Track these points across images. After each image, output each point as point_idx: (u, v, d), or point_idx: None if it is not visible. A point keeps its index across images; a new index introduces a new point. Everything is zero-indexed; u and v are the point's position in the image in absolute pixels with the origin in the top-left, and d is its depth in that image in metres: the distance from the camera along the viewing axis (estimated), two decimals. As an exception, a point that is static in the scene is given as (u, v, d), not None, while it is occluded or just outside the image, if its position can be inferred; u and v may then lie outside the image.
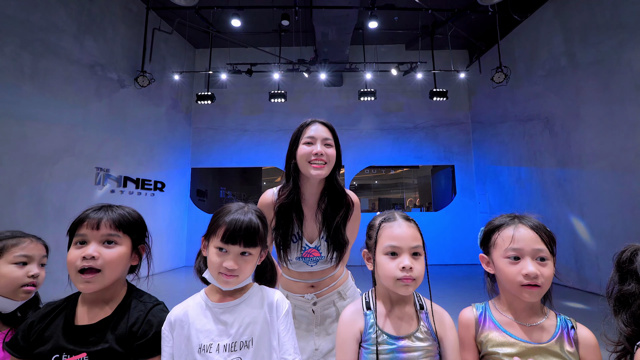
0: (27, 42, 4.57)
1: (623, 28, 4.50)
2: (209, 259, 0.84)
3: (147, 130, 6.80)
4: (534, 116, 6.13)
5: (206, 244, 0.87)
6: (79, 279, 0.78)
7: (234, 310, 0.83)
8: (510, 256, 0.84)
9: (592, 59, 4.96)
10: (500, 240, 0.87)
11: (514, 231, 0.85)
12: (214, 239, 0.83)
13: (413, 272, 0.82)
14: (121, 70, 6.19)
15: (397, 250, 0.84)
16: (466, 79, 7.59)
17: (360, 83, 7.55)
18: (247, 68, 6.74)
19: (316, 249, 1.16)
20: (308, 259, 1.17)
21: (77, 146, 5.24)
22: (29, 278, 0.94)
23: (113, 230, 0.83)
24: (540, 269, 0.80)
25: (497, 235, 0.89)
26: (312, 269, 1.18)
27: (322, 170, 1.15)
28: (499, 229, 0.90)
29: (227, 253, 0.82)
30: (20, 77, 4.47)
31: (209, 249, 0.85)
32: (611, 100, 4.65)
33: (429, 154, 8.31)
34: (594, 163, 4.91)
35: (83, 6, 5.46)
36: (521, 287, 0.81)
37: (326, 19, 5.52)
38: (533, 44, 6.24)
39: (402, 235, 0.85)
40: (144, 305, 0.85)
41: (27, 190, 4.50)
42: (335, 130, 1.26)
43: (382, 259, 0.85)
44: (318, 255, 1.17)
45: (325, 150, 1.16)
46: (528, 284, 0.80)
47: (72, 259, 0.79)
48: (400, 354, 0.81)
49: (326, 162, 1.16)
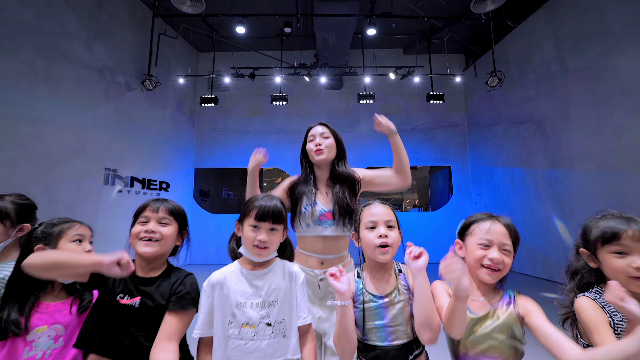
0: (41, 48, 4.77)
1: (609, 36, 4.73)
2: (244, 236, 1.06)
3: (152, 131, 7.00)
4: (527, 119, 6.36)
5: (240, 226, 1.10)
6: (141, 243, 1.02)
7: (263, 278, 1.06)
8: (482, 243, 1.04)
9: (581, 64, 5.19)
10: (478, 230, 1.07)
11: (490, 225, 1.06)
12: (248, 219, 1.06)
13: (388, 238, 1.04)
14: (128, 74, 6.40)
15: (374, 224, 1.07)
16: (462, 83, 7.81)
17: (360, 86, 7.77)
18: (249, 72, 6.95)
19: (330, 212, 1.44)
20: (323, 222, 1.44)
21: (86, 147, 5.44)
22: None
23: (167, 215, 1.09)
24: (503, 258, 1.00)
25: (475, 226, 1.09)
26: (325, 233, 1.42)
27: (322, 155, 1.51)
28: (477, 221, 1.10)
29: (259, 229, 1.05)
30: (34, 81, 4.67)
31: (244, 228, 1.07)
32: (598, 104, 4.88)
33: (426, 155, 8.53)
34: (583, 164, 5.13)
35: (92, 13, 5.68)
36: (482, 268, 1.01)
37: (326, 26, 5.75)
38: (526, 49, 6.47)
39: (378, 212, 1.08)
40: (181, 273, 1.10)
41: (41, 189, 4.70)
42: (330, 126, 1.61)
43: (364, 233, 1.08)
44: (331, 218, 1.43)
45: (322, 141, 1.54)
46: (489, 266, 1.00)
47: (136, 231, 1.05)
48: (383, 309, 1.02)
49: (324, 150, 1.52)
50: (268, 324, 1.00)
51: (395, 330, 1.00)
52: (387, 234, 1.04)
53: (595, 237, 0.97)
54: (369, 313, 1.02)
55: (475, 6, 4.97)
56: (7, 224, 1.31)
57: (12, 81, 4.40)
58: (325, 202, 1.49)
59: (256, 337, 0.98)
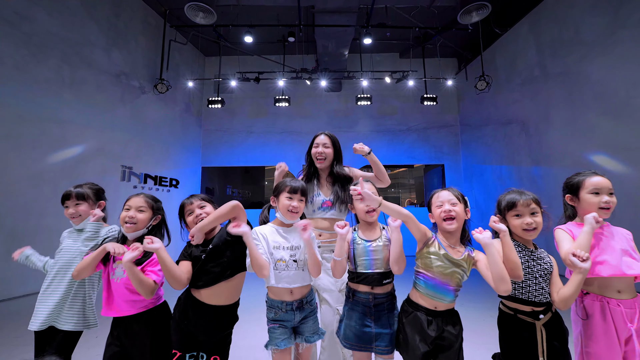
0: (67, 56, 5.24)
1: (583, 44, 5.21)
2: (281, 204, 1.54)
3: (163, 132, 7.47)
4: (513, 120, 6.84)
5: (275, 199, 1.59)
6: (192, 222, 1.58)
7: (290, 233, 1.56)
8: (438, 205, 1.51)
9: (560, 70, 5.68)
10: (436, 199, 1.54)
11: (440, 193, 1.53)
12: (284, 193, 1.55)
13: (452, 212, 1.48)
14: (142, 78, 6.87)
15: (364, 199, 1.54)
16: (455, 85, 8.30)
17: (358, 89, 8.25)
18: (255, 76, 7.41)
19: (330, 201, 1.96)
20: (325, 208, 1.96)
21: (106, 146, 5.91)
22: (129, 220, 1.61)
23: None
24: (453, 209, 1.46)
25: (435, 197, 1.55)
26: (326, 215, 1.94)
27: (322, 163, 2.04)
28: (435, 194, 1.56)
29: (292, 199, 1.54)
30: (61, 86, 5.14)
31: (280, 200, 1.56)
32: (574, 106, 5.36)
33: (421, 154, 9.01)
34: (560, 161, 5.62)
35: (111, 22, 6.14)
36: (442, 220, 1.47)
37: (327, 34, 6.22)
38: (512, 55, 6.96)
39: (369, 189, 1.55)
40: (222, 230, 1.59)
41: (68, 185, 5.09)
42: (333, 137, 2.07)
43: (357, 203, 1.56)
44: (331, 205, 1.95)
45: (324, 150, 2.03)
46: (446, 217, 1.46)
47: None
48: (370, 248, 1.50)
49: (325, 158, 2.03)
50: (294, 260, 1.50)
51: (376, 263, 1.48)
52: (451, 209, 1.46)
53: (503, 206, 1.46)
54: (359, 251, 1.50)
55: (462, 17, 5.45)
56: (90, 202, 1.81)
57: (43, 86, 4.87)
58: (325, 193, 1.99)
59: (287, 269, 1.48)
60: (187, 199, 1.67)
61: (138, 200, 1.60)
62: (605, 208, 1.43)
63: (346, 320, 1.53)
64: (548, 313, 1.35)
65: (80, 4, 5.50)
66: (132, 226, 1.55)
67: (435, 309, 1.40)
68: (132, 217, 1.55)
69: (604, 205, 1.42)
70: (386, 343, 1.47)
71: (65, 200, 1.77)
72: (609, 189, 1.45)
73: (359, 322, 1.48)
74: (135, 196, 1.62)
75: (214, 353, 1.42)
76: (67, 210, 1.75)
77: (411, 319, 1.42)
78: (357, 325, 1.48)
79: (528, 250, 1.43)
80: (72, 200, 1.75)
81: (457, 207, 1.45)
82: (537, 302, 1.35)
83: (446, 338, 1.36)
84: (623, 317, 1.31)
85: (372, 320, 1.48)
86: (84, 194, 1.78)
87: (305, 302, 1.53)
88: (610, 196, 1.44)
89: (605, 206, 1.42)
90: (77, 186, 1.80)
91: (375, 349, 1.47)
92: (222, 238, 1.53)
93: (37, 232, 4.67)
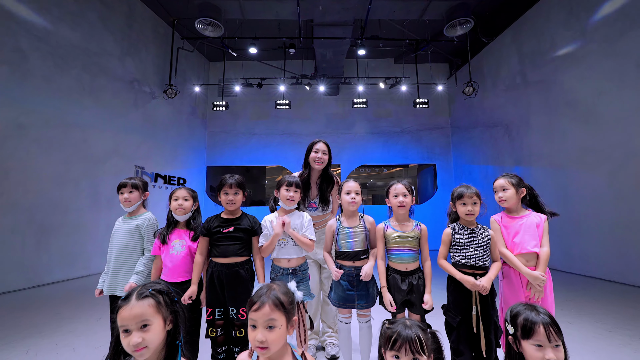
0: (86, 65, 5.73)
1: (557, 56, 5.72)
2: (281, 195, 2.02)
3: (172, 134, 7.97)
4: (497, 123, 7.36)
5: (277, 191, 2.07)
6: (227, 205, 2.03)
7: (292, 218, 2.04)
8: (394, 195, 2.01)
9: (538, 78, 6.19)
10: (393, 190, 2.04)
11: (396, 185, 2.03)
12: (283, 186, 2.02)
13: (356, 198, 2.00)
14: (152, 84, 7.36)
15: (349, 192, 2.03)
16: (446, 90, 8.80)
17: (354, 93, 8.75)
18: (258, 82, 7.91)
19: (314, 203, 2.46)
20: (311, 209, 2.45)
21: (121, 148, 6.41)
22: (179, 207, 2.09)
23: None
24: (404, 199, 1.97)
25: (393, 189, 2.05)
26: (313, 214, 2.44)
27: (320, 166, 2.47)
28: (392, 185, 2.07)
29: (289, 190, 2.02)
30: (82, 93, 5.64)
31: (280, 191, 2.03)
32: (549, 112, 5.88)
33: (414, 154, 9.53)
34: (538, 162, 6.14)
35: (124, 32, 6.63)
36: (397, 207, 1.98)
37: (324, 44, 6.72)
38: (497, 63, 7.47)
39: (351, 186, 2.05)
40: (249, 217, 2.08)
41: (88, 183, 5.67)
42: (328, 145, 2.53)
43: (344, 196, 2.05)
44: (315, 207, 2.46)
45: (322, 157, 2.46)
46: (400, 205, 1.97)
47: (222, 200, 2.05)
48: (351, 234, 2.00)
49: (322, 163, 2.46)
50: (291, 238, 2.00)
51: (356, 243, 1.99)
52: (355, 196, 2.01)
53: (453, 197, 1.97)
54: (343, 235, 2.01)
55: (448, 30, 5.96)
56: (139, 191, 2.30)
57: (66, 94, 5.36)
58: (313, 195, 2.49)
59: (286, 245, 1.99)
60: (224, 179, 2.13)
61: (183, 192, 2.10)
62: (470, 214, 1.89)
63: (334, 286, 2.05)
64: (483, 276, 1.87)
65: (98, 16, 5.99)
66: (182, 211, 2.06)
67: (407, 270, 1.92)
68: (181, 204, 2.05)
69: (468, 212, 1.89)
70: (364, 302, 1.98)
71: (121, 188, 2.23)
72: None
73: (344, 288, 2.00)
74: (179, 189, 2.11)
75: (241, 306, 1.91)
76: (121, 196, 2.23)
77: (390, 279, 1.94)
78: (343, 290, 2.00)
79: (470, 229, 1.93)
80: (128, 188, 2.22)
81: (407, 197, 1.97)
82: (476, 267, 1.85)
83: (414, 291, 1.89)
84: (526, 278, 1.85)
85: (354, 286, 2.00)
86: (137, 184, 2.27)
87: (299, 270, 2.02)
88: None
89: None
90: (130, 178, 2.27)
91: (356, 306, 1.99)
92: (248, 226, 2.03)
93: (62, 226, 5.18)
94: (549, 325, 1.06)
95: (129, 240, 2.16)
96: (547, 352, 1.02)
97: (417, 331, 0.97)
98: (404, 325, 0.99)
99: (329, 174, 2.53)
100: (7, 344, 2.63)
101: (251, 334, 1.02)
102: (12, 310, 3.59)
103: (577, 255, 5.32)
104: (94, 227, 5.66)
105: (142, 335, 0.96)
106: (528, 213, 2.01)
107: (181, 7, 7.12)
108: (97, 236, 5.68)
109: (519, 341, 1.12)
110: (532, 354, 1.05)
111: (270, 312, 1.02)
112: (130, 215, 2.25)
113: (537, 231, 1.90)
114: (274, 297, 1.05)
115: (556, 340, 1.03)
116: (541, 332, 1.05)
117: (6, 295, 4.23)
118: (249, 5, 6.05)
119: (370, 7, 5.67)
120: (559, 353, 1.02)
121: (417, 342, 0.93)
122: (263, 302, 1.03)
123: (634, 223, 4.44)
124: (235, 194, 2.05)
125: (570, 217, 5.35)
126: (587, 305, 3.63)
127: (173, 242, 2.05)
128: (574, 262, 5.36)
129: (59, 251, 5.09)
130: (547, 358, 1.01)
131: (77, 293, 4.39)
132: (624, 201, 4.59)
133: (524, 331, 1.10)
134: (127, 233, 2.18)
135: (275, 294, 1.07)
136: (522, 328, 1.11)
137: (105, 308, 2.54)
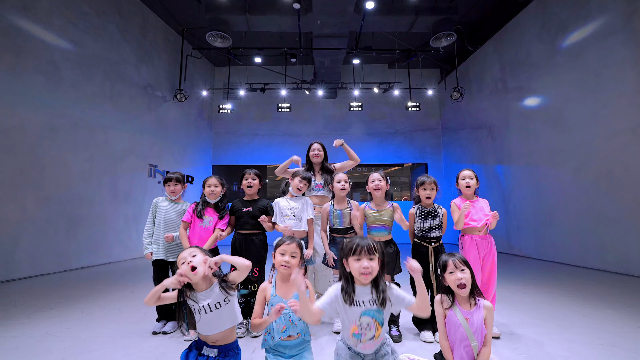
0: (107, 73, 6.34)
1: (532, 65, 6.36)
2: (293, 184, 2.63)
3: (181, 135, 8.58)
4: (482, 125, 7.99)
5: (291, 178, 2.68)
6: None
7: (296, 201, 2.66)
8: (372, 181, 2.62)
9: (516, 85, 6.82)
10: (370, 178, 2.65)
11: (373, 174, 2.64)
12: (297, 177, 2.63)
13: (345, 186, 2.62)
14: (164, 88, 7.97)
15: (340, 180, 2.65)
16: (437, 93, 9.44)
17: (351, 97, 9.38)
18: (261, 87, 8.53)
19: (321, 184, 3.08)
20: (318, 189, 3.08)
21: (136, 148, 7.01)
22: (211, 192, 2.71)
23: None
24: (379, 184, 2.58)
25: (370, 177, 2.66)
26: (318, 194, 3.07)
27: (318, 159, 3.14)
28: (370, 175, 2.69)
29: (300, 182, 2.63)
30: (104, 98, 6.24)
31: (294, 181, 2.64)
32: (525, 116, 6.52)
33: (407, 154, 10.17)
34: (516, 161, 6.78)
35: (139, 42, 7.24)
36: (373, 189, 2.60)
37: (323, 53, 7.35)
38: (481, 69, 8.10)
39: (341, 177, 2.67)
40: (264, 200, 2.70)
41: (108, 180, 6.28)
42: (323, 145, 3.18)
43: (335, 184, 2.66)
44: (321, 187, 3.08)
45: (318, 154, 3.13)
46: (375, 189, 2.59)
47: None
48: (340, 213, 2.62)
49: (319, 157, 3.12)
50: (294, 215, 2.60)
51: (344, 222, 2.61)
52: (344, 185, 2.63)
53: (417, 184, 2.59)
54: (335, 215, 2.63)
55: (433, 42, 6.59)
56: (181, 184, 2.89)
57: (90, 99, 5.96)
58: (318, 180, 3.13)
59: (289, 220, 2.59)
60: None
61: (214, 180, 2.69)
62: (428, 197, 2.50)
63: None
64: (437, 243, 2.48)
65: (116, 28, 6.59)
66: (214, 196, 2.66)
67: (380, 241, 2.54)
68: (213, 191, 2.65)
69: (427, 196, 2.50)
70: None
71: (168, 181, 2.82)
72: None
73: (336, 254, 2.62)
74: (210, 178, 2.70)
75: (254, 266, 2.53)
76: (168, 188, 2.82)
77: None
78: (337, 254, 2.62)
79: (427, 209, 2.54)
80: (174, 181, 2.82)
81: (382, 182, 2.58)
82: (431, 237, 2.47)
83: (387, 254, 2.50)
84: (481, 245, 2.46)
85: (345, 253, 2.62)
86: (180, 178, 2.86)
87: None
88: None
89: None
90: (173, 172, 2.86)
91: None
92: (262, 207, 2.65)
93: (88, 218, 5.78)
94: (456, 259, 1.68)
95: (178, 220, 2.76)
96: (456, 274, 1.64)
97: (369, 240, 1.33)
98: (360, 237, 1.37)
99: (326, 166, 3.19)
100: (64, 307, 3.24)
101: (280, 258, 1.60)
102: (56, 287, 4.20)
103: (548, 244, 5.95)
104: (114, 220, 6.27)
105: (191, 259, 1.39)
106: (477, 199, 2.63)
107: (190, 18, 7.73)
108: (116, 227, 6.29)
109: (442, 277, 1.73)
110: (449, 279, 1.67)
111: (295, 247, 1.65)
112: (175, 201, 2.84)
113: (485, 216, 2.52)
114: (298, 242, 1.69)
115: (462, 266, 1.65)
116: (450, 263, 1.68)
117: (41, 277, 4.83)
118: (255, 19, 6.67)
119: (363, 23, 6.31)
120: (464, 274, 1.64)
121: (372, 246, 1.32)
122: (292, 241, 1.67)
123: (593, 213, 5.08)
124: (253, 179, 2.70)
125: (543, 209, 5.99)
126: (544, 283, 4.26)
127: (205, 217, 2.65)
128: (546, 249, 6.00)
129: (85, 240, 5.70)
130: (457, 277, 1.63)
131: (104, 275, 5.00)
132: (586, 195, 5.22)
133: (443, 267, 1.71)
134: (177, 214, 2.78)
135: (298, 240, 1.71)
136: (442, 266, 1.71)
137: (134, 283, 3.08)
